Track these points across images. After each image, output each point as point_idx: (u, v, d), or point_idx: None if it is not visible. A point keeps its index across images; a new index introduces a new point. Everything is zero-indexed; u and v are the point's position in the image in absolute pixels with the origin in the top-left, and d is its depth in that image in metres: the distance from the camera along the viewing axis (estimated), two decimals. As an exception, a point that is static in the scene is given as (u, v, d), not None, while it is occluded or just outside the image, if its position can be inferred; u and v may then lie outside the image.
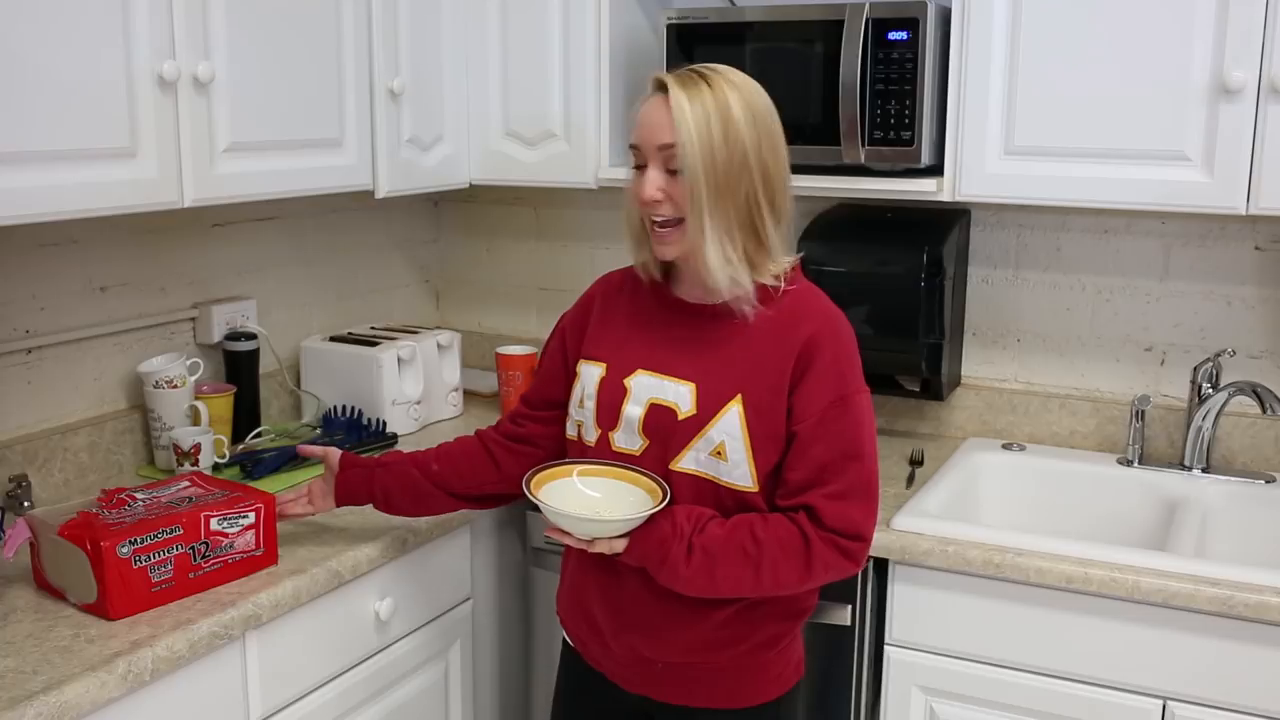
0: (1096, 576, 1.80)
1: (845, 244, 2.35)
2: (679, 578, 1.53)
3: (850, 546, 1.53)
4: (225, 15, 1.88)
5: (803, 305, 1.59)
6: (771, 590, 1.55)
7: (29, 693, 1.39)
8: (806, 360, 1.54)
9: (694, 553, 1.51)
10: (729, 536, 1.52)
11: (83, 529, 1.60)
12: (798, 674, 1.69)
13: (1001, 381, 2.48)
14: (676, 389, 1.57)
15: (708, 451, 1.55)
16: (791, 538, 1.51)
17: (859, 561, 1.55)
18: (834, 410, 1.53)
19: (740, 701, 1.63)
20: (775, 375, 1.54)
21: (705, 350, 1.58)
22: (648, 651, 1.62)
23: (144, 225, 2.22)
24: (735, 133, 1.50)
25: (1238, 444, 2.28)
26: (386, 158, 2.26)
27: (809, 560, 1.52)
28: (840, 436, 1.53)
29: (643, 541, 1.53)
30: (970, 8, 2.06)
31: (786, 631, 1.64)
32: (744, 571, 1.51)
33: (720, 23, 2.25)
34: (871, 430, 1.57)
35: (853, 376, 1.56)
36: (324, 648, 1.82)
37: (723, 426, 1.54)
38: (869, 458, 1.56)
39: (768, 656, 1.63)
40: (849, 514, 1.52)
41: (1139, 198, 2.01)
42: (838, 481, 1.52)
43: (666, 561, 1.52)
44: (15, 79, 1.58)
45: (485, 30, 2.43)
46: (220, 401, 2.27)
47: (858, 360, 1.58)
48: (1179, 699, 1.81)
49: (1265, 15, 1.87)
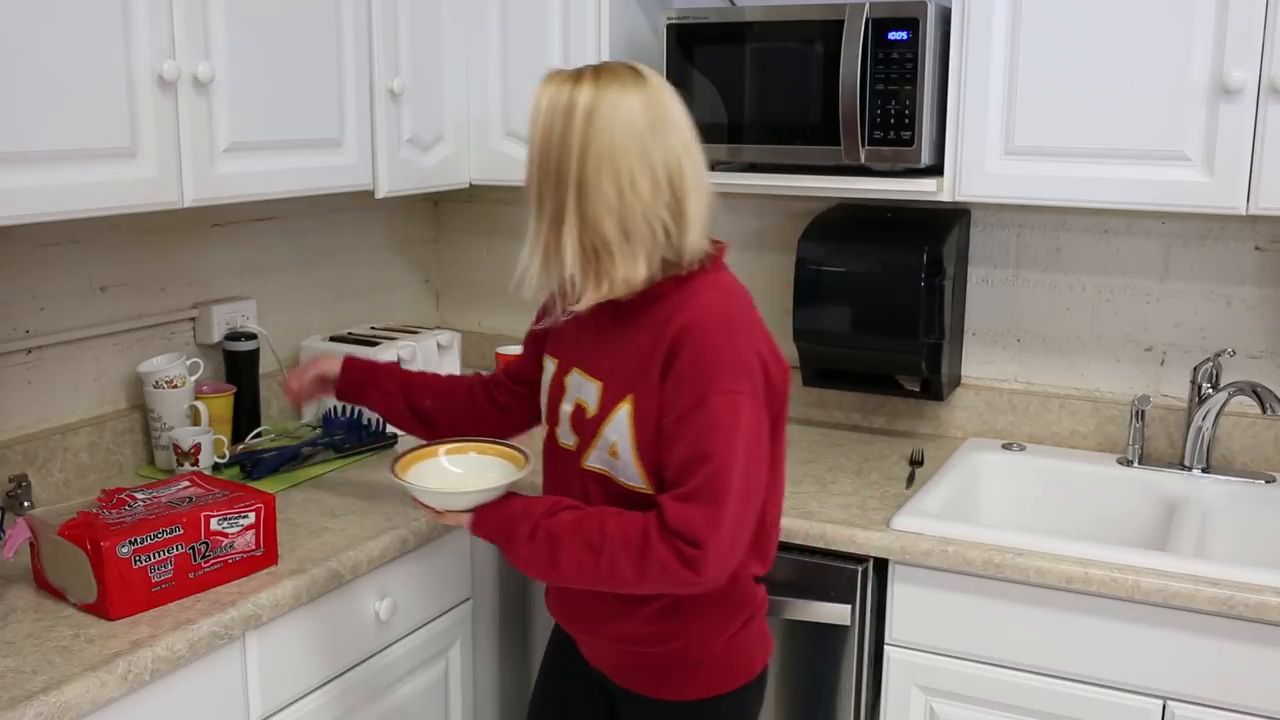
0: (1096, 576, 1.80)
1: (845, 244, 2.35)
2: (520, 556, 1.55)
3: (688, 553, 1.44)
4: (225, 15, 1.88)
5: (684, 299, 1.53)
6: (610, 584, 1.51)
7: (29, 693, 1.39)
8: (672, 355, 1.49)
9: (537, 535, 1.52)
10: (578, 524, 1.51)
11: (83, 529, 1.60)
12: (746, 676, 1.66)
13: (1001, 381, 2.48)
14: (590, 388, 1.59)
15: (606, 451, 1.56)
16: (635, 535, 1.47)
17: (700, 571, 1.45)
18: (691, 410, 1.47)
19: (674, 694, 1.64)
20: (654, 374, 1.51)
21: (614, 348, 1.58)
22: (585, 639, 1.70)
23: (144, 225, 2.22)
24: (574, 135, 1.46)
25: (1238, 444, 2.28)
26: (386, 158, 2.26)
27: (644, 559, 1.46)
28: (694, 437, 1.46)
29: (489, 518, 1.58)
30: (970, 8, 2.06)
31: (722, 629, 1.62)
32: (584, 560, 1.50)
33: (720, 23, 2.25)
34: (739, 434, 1.47)
35: (720, 375, 1.47)
36: (324, 648, 1.82)
37: (614, 426, 1.55)
38: (725, 461, 1.45)
39: (705, 653, 1.62)
40: (689, 517, 1.45)
41: (1139, 198, 2.01)
42: (687, 484, 1.46)
43: (511, 540, 1.55)
44: (16, 79, 1.59)
45: (485, 30, 2.43)
46: (220, 401, 2.27)
47: (732, 358, 1.49)
48: (1179, 699, 1.81)
49: (1265, 15, 1.87)
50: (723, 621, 1.62)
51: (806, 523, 1.98)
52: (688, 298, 1.53)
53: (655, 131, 1.48)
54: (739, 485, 1.47)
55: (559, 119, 1.47)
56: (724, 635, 1.62)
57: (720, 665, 1.64)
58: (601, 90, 1.47)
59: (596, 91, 1.47)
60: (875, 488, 2.17)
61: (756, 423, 1.50)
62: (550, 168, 1.48)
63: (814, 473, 2.26)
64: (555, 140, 1.47)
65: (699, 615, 1.60)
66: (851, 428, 2.57)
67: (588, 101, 1.46)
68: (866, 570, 1.98)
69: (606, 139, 1.46)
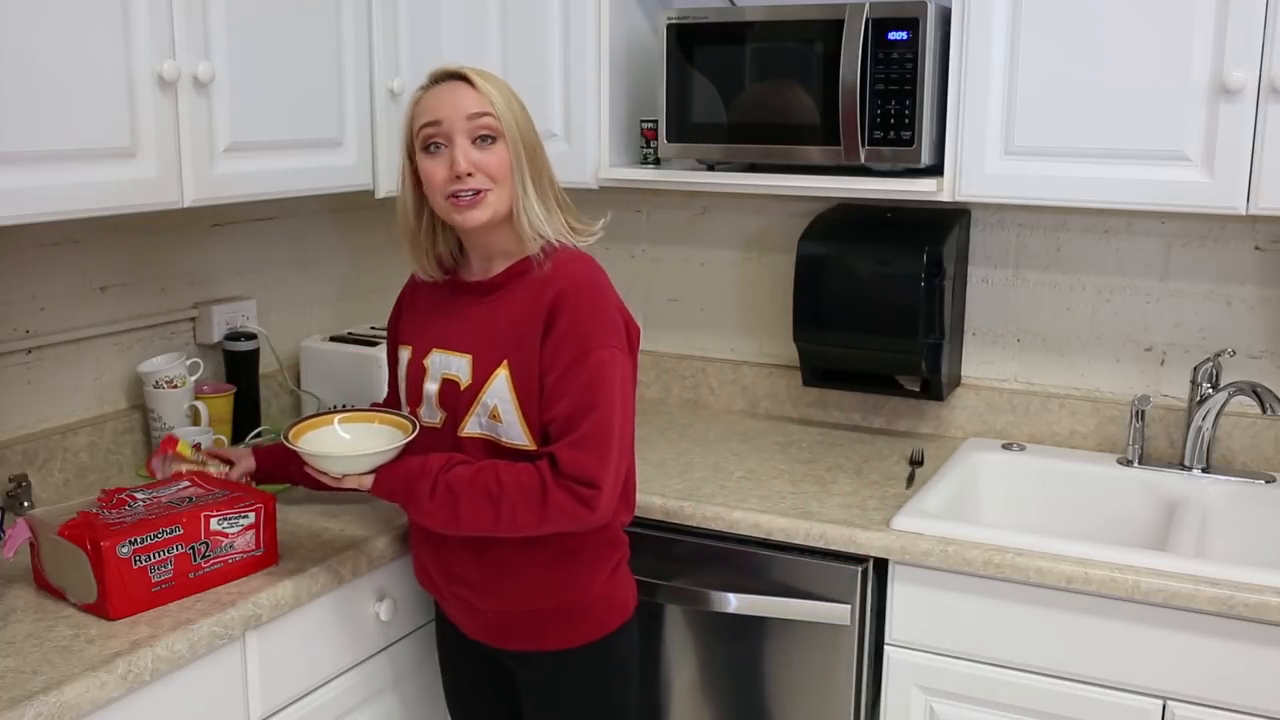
0: (1096, 576, 1.80)
1: (845, 244, 2.35)
2: (423, 511, 1.67)
3: (584, 493, 1.61)
4: (225, 15, 1.88)
5: (558, 268, 1.69)
6: (510, 530, 1.65)
7: (29, 693, 1.39)
8: (552, 318, 1.65)
9: (438, 490, 1.64)
10: (474, 477, 1.64)
11: (83, 529, 1.60)
12: (623, 615, 1.81)
13: (1001, 381, 2.48)
14: (458, 362, 1.72)
15: (485, 416, 1.69)
16: (531, 483, 1.62)
17: (595, 509, 1.62)
18: (575, 365, 1.63)
19: (567, 642, 1.76)
20: (531, 337, 1.66)
21: (481, 324, 1.72)
22: (477, 603, 1.77)
23: (144, 225, 2.22)
24: (525, 109, 1.71)
25: (1238, 444, 2.28)
26: (387, 158, 2.26)
27: (544, 504, 1.62)
28: (581, 390, 1.62)
29: (388, 478, 1.68)
30: (970, 8, 2.06)
31: (598, 574, 1.76)
32: (484, 510, 1.63)
33: (720, 23, 2.25)
34: (617, 386, 1.64)
35: (598, 333, 1.64)
36: (324, 648, 1.82)
37: (494, 391, 1.68)
38: (609, 410, 1.63)
39: (585, 599, 1.75)
40: (583, 461, 1.61)
41: (1139, 198, 2.01)
42: (576, 432, 1.62)
43: (412, 496, 1.66)
44: (15, 79, 1.59)
45: (485, 31, 2.43)
46: (220, 401, 2.27)
47: (606, 319, 1.66)
48: (1179, 699, 1.81)
49: (1265, 15, 1.87)
50: (598, 567, 1.76)
51: (806, 523, 1.98)
52: (558, 268, 1.69)
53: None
54: (620, 431, 1.65)
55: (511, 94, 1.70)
56: (599, 580, 1.76)
57: (600, 609, 1.77)
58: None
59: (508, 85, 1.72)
60: (875, 488, 2.17)
61: (629, 376, 1.69)
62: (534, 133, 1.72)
63: (814, 473, 2.26)
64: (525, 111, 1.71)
65: (580, 564, 1.74)
66: (851, 428, 2.57)
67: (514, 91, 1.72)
68: (866, 570, 1.98)
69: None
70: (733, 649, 2.09)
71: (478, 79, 1.67)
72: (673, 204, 2.70)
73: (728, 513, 2.04)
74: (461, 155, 1.64)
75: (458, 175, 1.64)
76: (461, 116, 1.65)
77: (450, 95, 1.66)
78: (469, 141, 1.65)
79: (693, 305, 2.73)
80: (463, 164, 1.64)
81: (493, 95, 1.66)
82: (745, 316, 2.70)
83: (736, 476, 2.22)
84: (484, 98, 1.66)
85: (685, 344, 2.75)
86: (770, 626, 2.05)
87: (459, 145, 1.65)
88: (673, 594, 2.08)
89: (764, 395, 2.68)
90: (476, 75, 1.67)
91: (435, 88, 1.69)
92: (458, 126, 1.65)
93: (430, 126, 1.66)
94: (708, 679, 2.13)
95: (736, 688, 2.11)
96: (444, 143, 1.66)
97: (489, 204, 1.66)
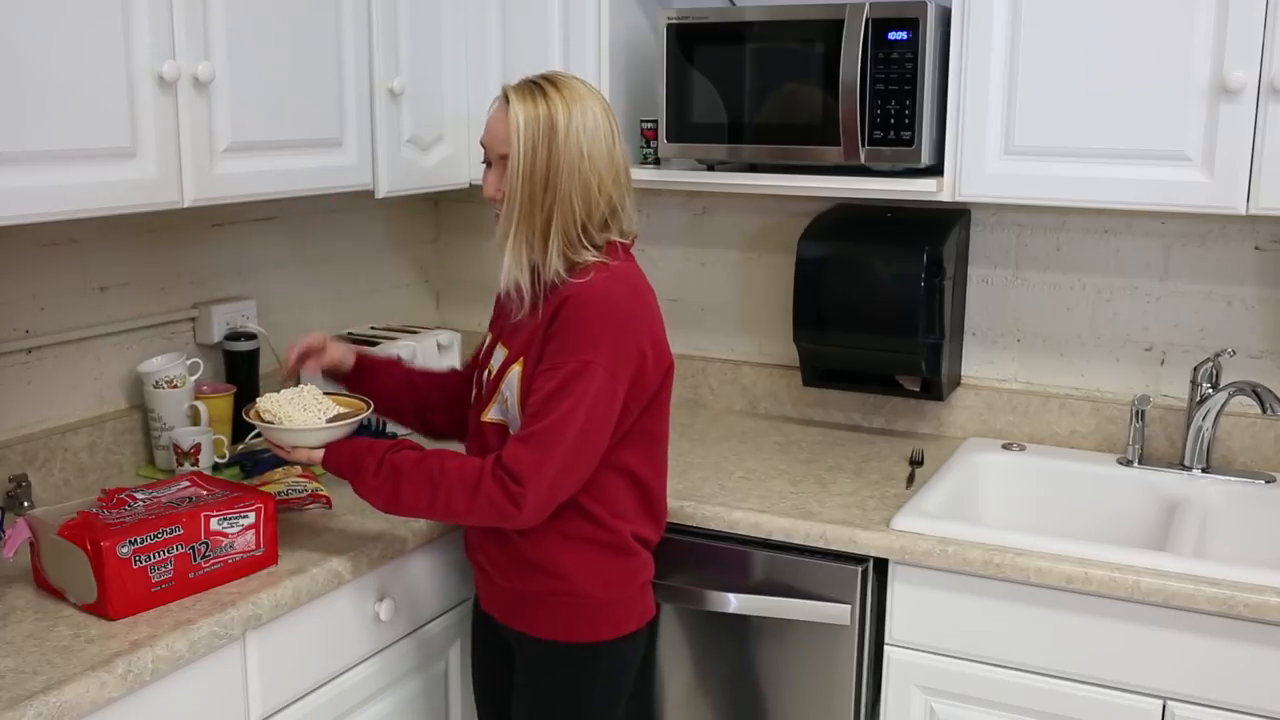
0: (1096, 576, 1.80)
1: (845, 244, 2.35)
2: (367, 488, 1.72)
3: (512, 489, 1.63)
4: (225, 15, 1.88)
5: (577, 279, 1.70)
6: (445, 515, 1.70)
7: (29, 693, 1.39)
8: (552, 320, 1.69)
9: (382, 468, 1.70)
10: (420, 461, 1.70)
11: (83, 529, 1.60)
12: (621, 630, 1.80)
13: (1001, 381, 2.48)
14: (499, 354, 1.81)
15: (502, 404, 1.76)
16: (472, 471, 1.67)
17: (520, 507, 1.63)
18: (553, 369, 1.66)
19: (556, 634, 1.78)
20: (539, 338, 1.71)
21: (522, 324, 1.77)
22: (493, 574, 1.83)
23: (144, 225, 2.22)
24: (558, 147, 1.67)
25: (1238, 444, 2.28)
26: (386, 158, 2.26)
27: (476, 493, 1.65)
28: (549, 393, 1.65)
29: (337, 453, 1.75)
30: (970, 8, 2.06)
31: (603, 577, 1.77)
32: (423, 492, 1.68)
33: (720, 23, 2.25)
34: (585, 401, 1.64)
35: (585, 346, 1.66)
36: (324, 648, 1.82)
37: (508, 383, 1.75)
38: (566, 419, 1.63)
39: (588, 599, 1.77)
40: (520, 457, 1.64)
41: (1139, 198, 2.01)
42: (527, 429, 1.66)
43: (359, 471, 1.72)
44: (15, 79, 1.58)
45: (485, 31, 2.43)
46: (220, 401, 2.27)
47: (601, 334, 1.66)
48: (1179, 699, 1.81)
49: (1265, 15, 1.87)
50: (607, 571, 1.78)
51: (806, 523, 1.98)
52: (579, 277, 1.71)
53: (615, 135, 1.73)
54: (571, 442, 1.64)
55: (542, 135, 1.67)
56: (605, 584, 1.77)
57: (600, 614, 1.78)
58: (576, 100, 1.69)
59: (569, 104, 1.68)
60: (875, 488, 2.17)
61: (607, 396, 1.67)
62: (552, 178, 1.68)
63: (814, 473, 2.26)
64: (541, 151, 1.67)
65: (586, 563, 1.76)
66: (851, 428, 2.57)
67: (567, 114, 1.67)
68: (866, 570, 1.98)
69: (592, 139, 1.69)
70: (733, 649, 2.10)
71: (514, 98, 1.69)
72: (673, 204, 2.70)
73: (727, 513, 2.04)
74: (489, 184, 1.75)
75: (486, 197, 1.76)
76: (495, 153, 1.73)
77: (494, 123, 1.74)
78: (499, 170, 1.73)
79: (693, 305, 2.73)
80: (488, 190, 1.75)
81: (516, 117, 1.68)
82: (745, 316, 2.70)
83: (736, 476, 2.23)
84: (507, 119, 1.69)
85: (685, 344, 2.75)
86: (770, 626, 2.05)
87: (490, 173, 1.76)
88: (672, 594, 2.08)
89: (764, 395, 2.68)
90: (516, 102, 1.69)
91: (494, 108, 1.76)
92: (493, 157, 1.75)
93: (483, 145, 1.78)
94: (707, 679, 2.13)
95: (736, 688, 2.11)
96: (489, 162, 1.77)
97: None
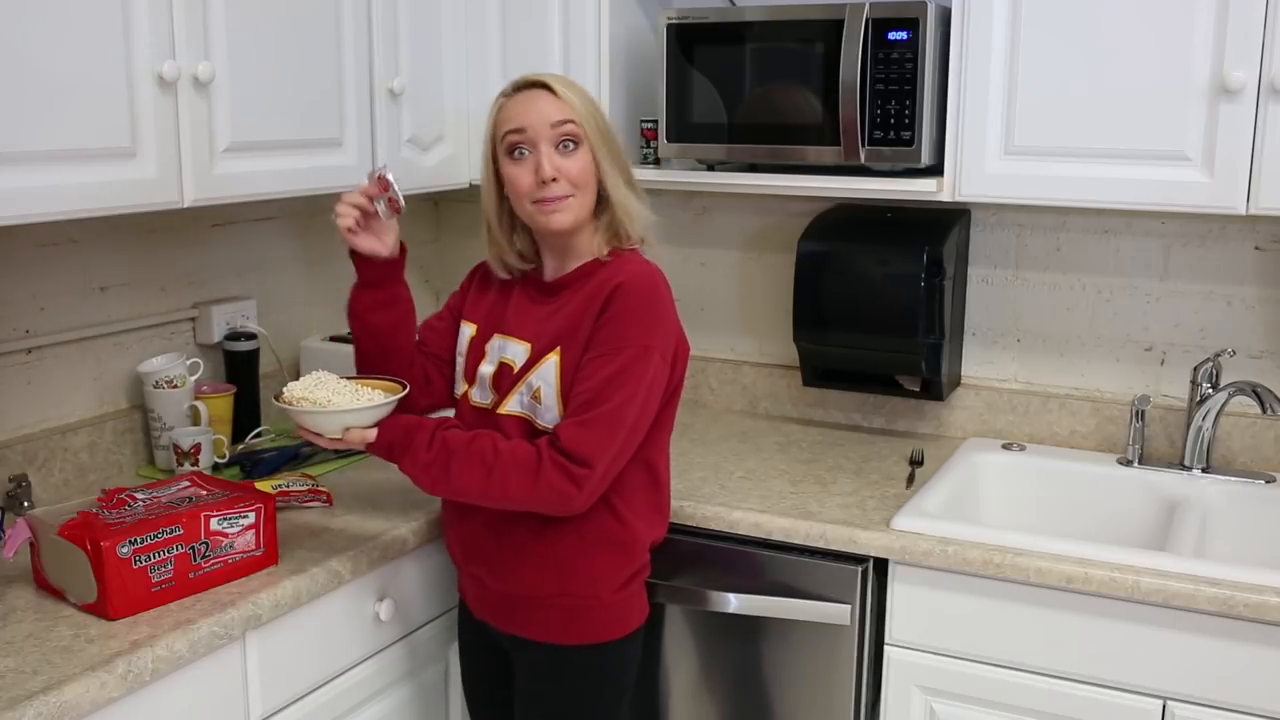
0: (1096, 576, 1.80)
1: (845, 244, 2.35)
2: (418, 463, 1.70)
3: (576, 471, 1.64)
4: (225, 15, 1.88)
5: (623, 266, 1.75)
6: (499, 498, 1.68)
7: (29, 693, 1.39)
8: (606, 305, 1.70)
9: (434, 444, 1.69)
10: (472, 441, 1.69)
11: (83, 529, 1.60)
12: (625, 629, 1.81)
13: (1001, 381, 2.48)
14: (516, 348, 1.78)
15: (528, 395, 1.74)
16: (528, 455, 1.66)
17: (583, 488, 1.65)
18: (611, 353, 1.67)
19: (562, 638, 1.78)
20: (585, 327, 1.71)
21: (545, 316, 1.78)
22: (488, 581, 1.82)
23: (144, 225, 2.22)
24: (603, 115, 1.77)
25: (1238, 444, 2.28)
26: (387, 158, 2.26)
27: (537, 477, 1.65)
28: (608, 376, 1.66)
29: (390, 429, 1.72)
30: (970, 8, 2.06)
31: (609, 579, 1.77)
32: (477, 472, 1.66)
33: (720, 23, 2.25)
34: (642, 382, 1.67)
35: (644, 330, 1.68)
36: (324, 648, 1.82)
37: (541, 373, 1.73)
38: (627, 403, 1.66)
39: (592, 601, 1.77)
40: (585, 440, 1.64)
41: (1139, 198, 2.01)
42: (588, 414, 1.66)
43: (410, 447, 1.70)
44: (15, 79, 1.58)
45: (485, 30, 2.43)
46: (220, 401, 2.27)
47: (656, 321, 1.71)
48: (1179, 699, 1.81)
49: (1265, 15, 1.87)
50: (611, 572, 1.78)
51: (806, 523, 1.98)
52: (622, 265, 1.75)
53: None
54: (629, 426, 1.67)
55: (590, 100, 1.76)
56: (608, 586, 1.77)
57: (603, 615, 1.78)
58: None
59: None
60: (875, 488, 2.17)
61: (658, 380, 1.71)
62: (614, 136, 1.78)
63: (814, 473, 2.26)
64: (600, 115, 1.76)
65: (591, 564, 1.76)
66: (851, 428, 2.57)
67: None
68: (866, 570, 1.98)
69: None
70: (733, 649, 2.09)
71: (559, 87, 1.73)
72: (673, 204, 2.70)
73: (728, 513, 2.04)
74: (547, 161, 1.71)
75: (543, 181, 1.71)
76: (545, 124, 1.71)
77: (533, 103, 1.72)
78: (552, 148, 1.71)
79: (693, 305, 2.73)
80: (548, 169, 1.70)
81: (574, 103, 1.72)
82: (745, 316, 2.70)
83: (736, 476, 2.23)
84: (566, 105, 1.72)
85: (685, 344, 2.74)
86: (770, 626, 2.05)
87: (544, 152, 1.71)
88: (673, 594, 2.08)
89: (764, 395, 2.68)
90: (558, 83, 1.74)
91: (518, 95, 1.75)
92: (542, 134, 1.71)
93: (515, 134, 1.73)
94: (708, 679, 2.13)
95: (736, 688, 2.11)
96: (529, 149, 1.73)
97: (571, 208, 1.73)
